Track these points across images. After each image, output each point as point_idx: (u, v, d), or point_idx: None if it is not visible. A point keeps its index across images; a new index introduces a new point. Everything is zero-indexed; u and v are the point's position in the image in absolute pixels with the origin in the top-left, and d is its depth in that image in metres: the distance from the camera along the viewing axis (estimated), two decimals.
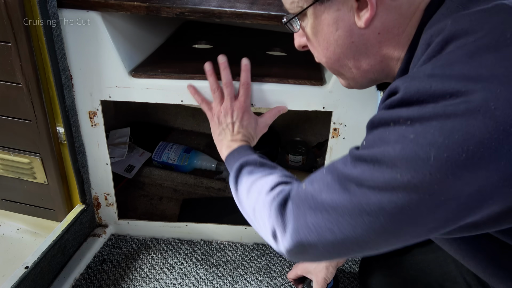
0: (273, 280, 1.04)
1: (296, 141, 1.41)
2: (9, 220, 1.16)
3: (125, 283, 1.01)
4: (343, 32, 0.55)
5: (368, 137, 0.48)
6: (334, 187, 0.49)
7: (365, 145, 0.48)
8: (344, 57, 0.58)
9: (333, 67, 0.62)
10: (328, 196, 0.49)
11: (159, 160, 1.37)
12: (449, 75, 0.41)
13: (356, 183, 0.46)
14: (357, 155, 0.48)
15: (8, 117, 0.94)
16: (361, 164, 0.46)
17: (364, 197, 0.45)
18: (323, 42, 0.58)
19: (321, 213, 0.50)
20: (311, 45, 0.62)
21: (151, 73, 0.91)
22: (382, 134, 0.45)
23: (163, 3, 0.83)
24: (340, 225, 0.48)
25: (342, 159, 0.52)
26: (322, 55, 0.60)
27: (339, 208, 0.48)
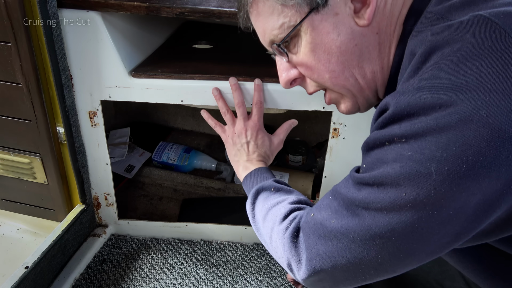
0: (273, 280, 1.04)
1: (296, 141, 1.41)
2: (9, 220, 1.16)
3: (125, 283, 1.01)
4: (345, 36, 0.52)
5: (366, 159, 0.48)
6: (342, 213, 0.49)
7: (365, 168, 0.48)
8: (348, 65, 0.55)
9: (338, 83, 0.57)
10: (337, 223, 0.49)
11: (159, 160, 1.37)
12: (437, 86, 0.41)
13: (363, 207, 0.46)
14: (359, 178, 0.48)
15: (8, 117, 0.94)
16: (365, 188, 0.46)
17: (373, 220, 0.45)
18: (324, 55, 0.55)
19: (332, 241, 0.49)
20: (307, 69, 0.58)
21: (151, 73, 0.91)
22: (380, 155, 0.45)
23: (163, 3, 0.83)
24: (352, 251, 0.48)
25: (344, 183, 0.51)
26: (324, 71, 0.56)
27: (350, 233, 0.47)
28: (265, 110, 0.96)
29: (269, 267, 1.08)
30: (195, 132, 1.60)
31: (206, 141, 1.54)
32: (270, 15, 0.56)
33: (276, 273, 1.06)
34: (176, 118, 1.60)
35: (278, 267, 1.08)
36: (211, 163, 1.38)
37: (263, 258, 1.11)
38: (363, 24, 0.52)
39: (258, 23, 0.59)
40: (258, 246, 1.14)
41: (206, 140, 1.54)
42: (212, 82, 0.90)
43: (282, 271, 1.07)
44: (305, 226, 0.54)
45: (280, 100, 0.91)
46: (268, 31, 0.58)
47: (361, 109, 0.62)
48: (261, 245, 1.15)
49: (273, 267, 1.08)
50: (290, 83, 0.62)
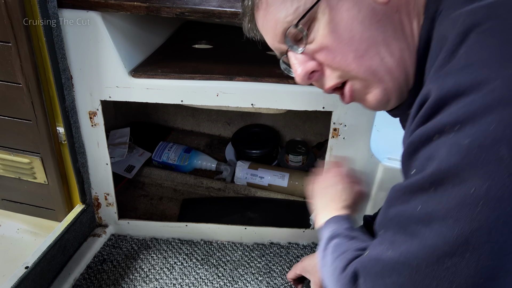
0: (273, 280, 1.04)
1: (296, 141, 1.41)
2: (9, 220, 1.16)
3: (125, 283, 1.01)
4: (367, 12, 0.48)
5: (413, 164, 0.41)
6: (397, 240, 0.40)
7: (414, 174, 0.40)
8: (373, 42, 0.49)
9: (364, 63, 0.50)
10: (394, 253, 0.40)
11: (159, 160, 1.37)
12: (487, 59, 0.36)
13: (422, 221, 0.37)
14: (407, 186, 0.40)
15: (8, 117, 0.94)
16: (418, 196, 0.38)
17: (438, 236, 0.35)
18: (346, 33, 0.49)
19: (390, 277, 0.39)
20: (328, 52, 0.51)
21: (151, 73, 0.91)
22: (428, 153, 0.38)
23: (163, 3, 0.83)
24: (418, 284, 0.37)
25: (387, 206, 0.43)
26: (348, 51, 0.50)
27: (411, 261, 0.37)
28: (265, 110, 0.97)
29: (269, 267, 1.08)
30: (195, 132, 1.60)
31: (206, 141, 1.54)
32: (282, 3, 0.52)
33: (276, 273, 1.06)
34: (176, 118, 1.60)
35: (278, 267, 1.08)
36: (211, 163, 1.38)
37: (263, 258, 1.11)
38: (382, 1, 0.48)
39: (268, 17, 0.55)
40: (258, 246, 1.14)
41: (206, 140, 1.55)
42: (212, 82, 0.90)
43: (282, 271, 1.07)
44: (361, 268, 0.45)
45: (280, 100, 0.91)
46: (280, 20, 0.53)
47: (391, 100, 0.53)
48: (261, 245, 1.15)
49: (273, 267, 1.08)
50: (308, 77, 0.54)
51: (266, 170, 1.31)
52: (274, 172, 1.30)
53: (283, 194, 1.29)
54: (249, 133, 1.46)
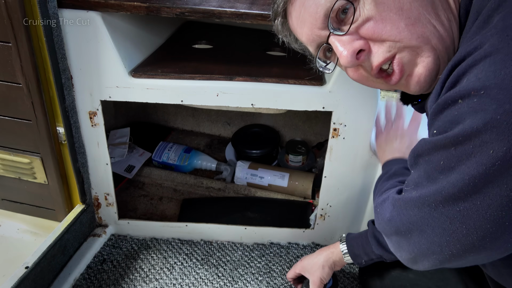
0: (273, 280, 1.04)
1: (296, 141, 1.41)
2: (9, 220, 1.16)
3: (125, 283, 1.01)
4: None
5: (436, 124, 0.44)
6: (420, 182, 0.47)
7: (436, 133, 0.44)
8: (424, 11, 0.48)
9: (416, 31, 0.49)
10: (416, 193, 0.47)
11: (159, 160, 1.37)
12: None
13: (441, 170, 0.43)
14: (433, 143, 0.44)
15: (8, 117, 0.94)
16: (440, 152, 0.43)
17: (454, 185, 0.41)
18: (395, 3, 0.48)
19: (413, 210, 0.48)
20: (377, 23, 0.49)
21: (151, 73, 0.91)
22: (452, 115, 0.41)
23: (163, 3, 0.83)
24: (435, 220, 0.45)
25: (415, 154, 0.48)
26: (399, 19, 0.48)
27: (430, 201, 0.45)
28: (265, 110, 0.97)
29: (269, 267, 1.08)
30: (195, 132, 1.60)
31: (206, 141, 1.54)
32: None
33: (276, 273, 1.06)
34: (176, 118, 1.60)
35: (278, 267, 1.08)
36: (211, 163, 1.38)
37: (263, 258, 1.11)
38: None
39: (307, 3, 0.54)
40: (258, 246, 1.14)
41: (206, 140, 1.55)
42: (212, 82, 0.90)
43: (282, 271, 1.07)
44: (392, 200, 0.54)
45: (280, 100, 0.91)
46: (322, 3, 0.52)
47: (441, 69, 0.51)
48: (261, 245, 1.15)
49: (273, 267, 1.08)
50: (356, 57, 0.52)
51: (266, 170, 1.31)
52: (274, 172, 1.30)
53: (283, 194, 1.29)
54: (249, 133, 1.46)
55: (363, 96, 0.89)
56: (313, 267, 0.90)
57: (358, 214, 1.09)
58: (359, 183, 1.03)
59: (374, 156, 0.99)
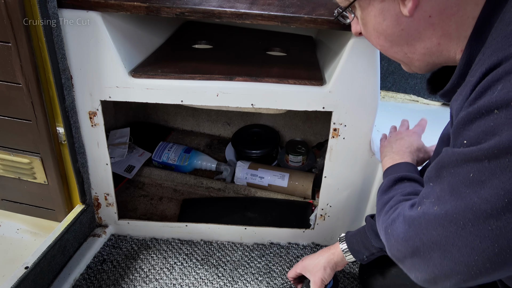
0: (273, 280, 1.04)
1: (296, 141, 1.41)
2: (9, 220, 1.16)
3: (125, 283, 1.01)
4: (391, 22, 0.54)
5: (466, 134, 0.42)
6: (444, 198, 0.44)
7: (466, 144, 0.42)
8: (396, 44, 0.57)
9: (388, 54, 0.61)
10: (440, 209, 0.44)
11: (159, 160, 1.37)
12: None
13: (472, 187, 0.41)
14: (463, 154, 0.42)
15: (8, 117, 0.94)
16: (471, 164, 0.41)
17: (487, 201, 0.39)
18: (374, 32, 0.58)
19: (436, 230, 0.44)
20: (364, 34, 0.63)
21: (151, 73, 0.91)
22: (486, 126, 0.39)
23: (163, 3, 0.83)
24: (462, 239, 0.42)
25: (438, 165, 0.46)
26: (375, 43, 0.61)
27: (458, 219, 0.42)
28: (265, 110, 0.97)
29: (269, 267, 1.08)
30: (195, 132, 1.60)
31: (206, 141, 1.54)
32: None
33: (276, 273, 1.06)
34: (176, 118, 1.60)
35: (278, 267, 1.08)
36: (211, 163, 1.38)
37: (263, 258, 1.11)
38: (406, 15, 0.52)
39: None
40: (258, 246, 1.14)
41: (206, 140, 1.55)
42: (212, 82, 0.90)
43: (282, 271, 1.07)
44: (406, 217, 0.51)
45: (280, 100, 0.91)
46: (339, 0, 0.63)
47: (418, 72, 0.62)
48: (261, 245, 1.15)
49: (273, 267, 1.08)
50: (357, 35, 0.68)
51: (266, 170, 1.31)
52: (274, 172, 1.30)
53: (283, 194, 1.29)
54: (249, 133, 1.46)
55: (363, 96, 0.89)
56: (314, 268, 0.90)
57: (358, 214, 1.09)
58: (359, 183, 1.03)
59: (374, 156, 0.99)
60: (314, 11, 0.84)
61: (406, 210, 0.53)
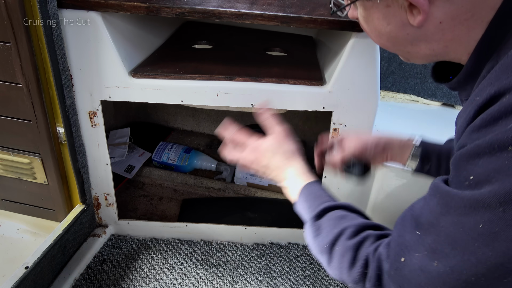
0: (273, 280, 1.04)
1: None
2: (9, 220, 1.16)
3: (125, 283, 1.01)
4: (395, 28, 0.51)
5: (473, 170, 0.37)
6: (444, 252, 0.38)
7: (474, 181, 0.37)
8: (399, 45, 0.53)
9: (389, 50, 0.57)
10: (443, 266, 0.38)
11: (159, 160, 1.37)
12: None
13: (482, 240, 0.36)
14: (472, 200, 0.37)
15: (8, 117, 0.94)
16: (482, 212, 0.36)
17: (504, 255, 0.35)
18: (375, 32, 0.54)
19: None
20: (363, 28, 0.57)
21: (151, 73, 0.91)
22: (500, 164, 0.35)
23: (163, 3, 0.83)
24: None
25: (434, 206, 0.41)
26: (376, 41, 0.56)
27: (468, 276, 0.37)
28: None
29: (269, 267, 1.08)
30: (195, 132, 1.60)
31: (206, 141, 1.54)
32: None
33: (276, 273, 1.06)
34: (176, 118, 1.60)
35: (278, 267, 1.08)
36: (211, 163, 1.38)
37: (263, 258, 1.11)
38: (414, 25, 0.48)
39: None
40: (258, 246, 1.14)
41: (206, 140, 1.54)
42: (212, 82, 0.90)
43: (282, 271, 1.07)
44: (394, 275, 0.43)
45: (280, 100, 0.91)
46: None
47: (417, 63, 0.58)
48: (261, 245, 1.15)
49: (273, 267, 1.08)
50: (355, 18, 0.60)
51: None
52: None
53: (283, 194, 1.29)
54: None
55: (363, 96, 0.89)
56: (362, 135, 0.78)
57: None
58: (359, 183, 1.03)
59: None
60: (314, 11, 0.84)
61: (383, 262, 0.46)
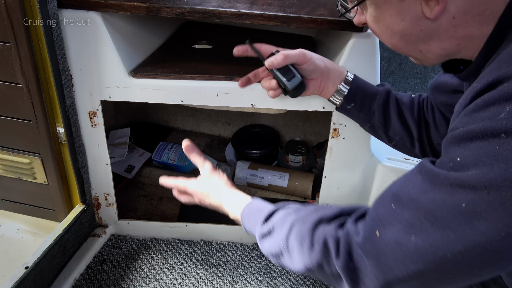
0: (273, 280, 1.04)
1: (296, 141, 1.41)
2: (9, 220, 1.16)
3: (125, 283, 1.01)
4: (409, 23, 0.49)
5: (463, 152, 0.38)
6: (423, 227, 0.39)
7: (461, 163, 0.38)
8: (411, 44, 0.52)
9: (401, 52, 0.56)
10: (420, 241, 0.39)
11: (159, 160, 1.37)
12: None
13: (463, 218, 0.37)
14: (454, 179, 0.38)
15: (8, 117, 0.94)
16: (464, 192, 0.37)
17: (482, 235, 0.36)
18: (387, 31, 0.53)
19: (415, 264, 0.40)
20: (373, 30, 0.56)
21: (151, 73, 0.91)
22: (490, 149, 0.36)
23: (163, 3, 0.83)
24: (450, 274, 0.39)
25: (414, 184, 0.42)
26: (387, 42, 0.55)
27: (445, 253, 0.38)
28: (265, 111, 0.97)
29: (269, 267, 1.08)
30: (195, 132, 1.60)
31: (206, 141, 1.54)
32: None
33: (276, 273, 1.06)
34: (176, 118, 1.60)
35: (278, 267, 1.08)
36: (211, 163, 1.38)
37: (263, 258, 1.11)
38: (430, 17, 0.47)
39: None
40: (258, 246, 1.14)
41: (206, 140, 1.54)
42: (212, 82, 0.90)
43: (282, 271, 1.07)
44: (368, 248, 0.44)
45: (280, 100, 0.91)
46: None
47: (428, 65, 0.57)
48: None
49: (273, 267, 1.08)
50: (362, 24, 0.60)
51: (266, 170, 1.31)
52: (274, 172, 1.30)
53: (283, 194, 1.29)
54: (249, 133, 1.46)
55: None
56: None
57: None
58: (359, 183, 1.03)
59: (374, 156, 0.99)
60: (314, 11, 0.84)
61: (352, 237, 0.46)
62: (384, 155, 1.01)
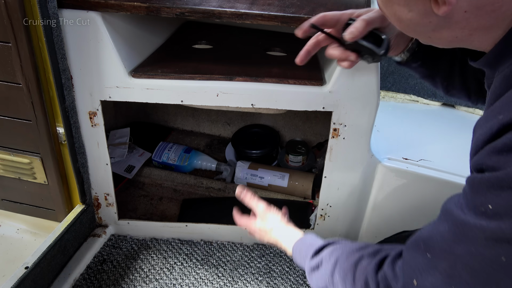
0: (273, 280, 1.04)
1: (296, 141, 1.41)
2: (9, 220, 1.16)
3: (125, 283, 1.01)
4: (417, 15, 0.47)
5: (493, 199, 0.37)
6: (463, 280, 0.38)
7: (494, 211, 0.37)
8: (420, 32, 0.50)
9: (409, 35, 0.54)
10: None
11: (159, 160, 1.37)
12: None
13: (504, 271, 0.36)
14: (489, 232, 0.36)
15: (8, 117, 0.94)
16: (502, 245, 0.36)
17: None
18: (394, 18, 0.50)
19: None
20: (382, 11, 0.53)
21: (151, 73, 0.91)
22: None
23: (163, 3, 0.83)
24: None
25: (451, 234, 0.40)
26: (395, 25, 0.52)
27: None
28: (265, 110, 0.97)
29: (269, 267, 1.08)
30: (195, 132, 1.60)
31: (206, 141, 1.54)
32: None
33: (276, 273, 1.06)
34: (176, 118, 1.60)
35: (278, 267, 1.08)
36: (211, 163, 1.38)
37: (263, 258, 1.11)
38: (438, 13, 0.45)
39: None
40: (258, 246, 1.14)
41: (206, 140, 1.54)
42: (212, 82, 0.90)
43: (282, 271, 1.07)
44: None
45: (280, 100, 0.91)
46: None
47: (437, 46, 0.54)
48: (261, 245, 1.15)
49: (273, 267, 1.08)
50: None
51: (266, 170, 1.31)
52: (274, 172, 1.30)
53: (283, 194, 1.29)
54: (249, 133, 1.46)
55: (363, 96, 0.89)
56: None
57: (358, 214, 1.09)
58: (359, 183, 1.03)
59: (374, 156, 0.99)
60: (314, 11, 0.84)
61: (391, 282, 0.46)
62: (384, 155, 1.01)
